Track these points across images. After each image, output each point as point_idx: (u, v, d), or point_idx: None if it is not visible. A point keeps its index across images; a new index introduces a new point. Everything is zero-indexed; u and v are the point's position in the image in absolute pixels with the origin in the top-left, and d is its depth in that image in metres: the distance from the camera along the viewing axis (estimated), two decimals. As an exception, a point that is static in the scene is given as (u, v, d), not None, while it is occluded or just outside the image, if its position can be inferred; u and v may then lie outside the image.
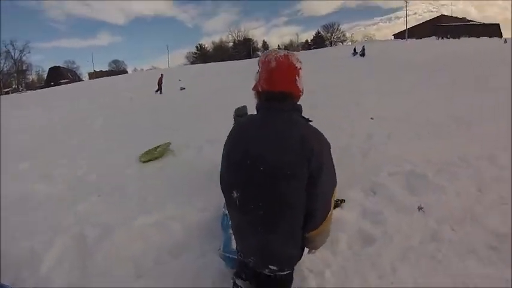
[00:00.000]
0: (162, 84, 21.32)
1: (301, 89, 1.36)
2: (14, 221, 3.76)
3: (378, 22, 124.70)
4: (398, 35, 59.48)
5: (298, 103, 1.38)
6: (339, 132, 5.55)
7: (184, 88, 21.17)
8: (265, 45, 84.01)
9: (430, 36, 46.79)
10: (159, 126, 7.77)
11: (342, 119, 6.46)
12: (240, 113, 3.96)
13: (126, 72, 72.71)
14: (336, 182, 1.38)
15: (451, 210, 2.86)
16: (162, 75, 22.49)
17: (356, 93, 9.36)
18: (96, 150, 6.93)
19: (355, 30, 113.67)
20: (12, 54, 62.66)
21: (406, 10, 57.35)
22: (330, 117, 6.48)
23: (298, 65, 1.34)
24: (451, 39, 41.22)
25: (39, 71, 70.72)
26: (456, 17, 60.54)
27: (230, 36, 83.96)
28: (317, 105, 7.47)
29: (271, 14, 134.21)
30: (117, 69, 74.94)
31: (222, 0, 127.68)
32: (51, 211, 4.03)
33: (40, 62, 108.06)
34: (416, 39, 45.97)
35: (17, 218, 3.86)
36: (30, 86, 63.37)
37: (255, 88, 1.38)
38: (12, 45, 62.36)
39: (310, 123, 1.36)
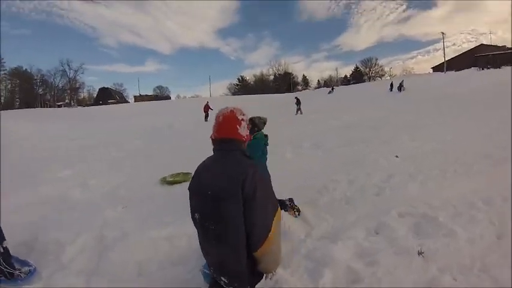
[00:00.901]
0: (209, 111, 22.40)
1: (244, 136, 1.75)
2: (49, 216, 4.52)
3: (416, 55, 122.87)
4: (437, 68, 57.54)
5: (242, 146, 1.75)
6: (360, 169, 5.56)
7: None
8: (305, 80, 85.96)
9: (469, 68, 44.37)
10: (188, 155, 7.92)
11: (366, 156, 6.46)
12: (264, 122, 4.19)
13: (170, 98, 76.36)
14: (277, 207, 1.69)
15: (458, 257, 2.76)
16: (207, 102, 23.97)
17: (387, 130, 9.29)
18: (129, 168, 7.62)
19: (393, 64, 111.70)
20: (68, 73, 71.01)
21: (444, 42, 57.04)
22: (354, 154, 6.56)
23: (240, 117, 1.75)
24: (491, 69, 38.74)
25: (90, 89, 78.18)
26: (496, 46, 57.34)
27: (271, 69, 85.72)
28: (347, 141, 7.52)
29: (311, 49, 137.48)
30: (161, 95, 78.66)
31: (264, 35, 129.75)
32: (82, 213, 4.66)
33: (92, 82, 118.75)
34: (456, 71, 43.92)
35: (52, 214, 4.62)
36: (81, 102, 71.25)
37: (210, 136, 1.79)
38: (68, 65, 70.80)
39: (248, 159, 1.73)
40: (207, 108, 22.90)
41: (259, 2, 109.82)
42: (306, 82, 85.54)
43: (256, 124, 4.02)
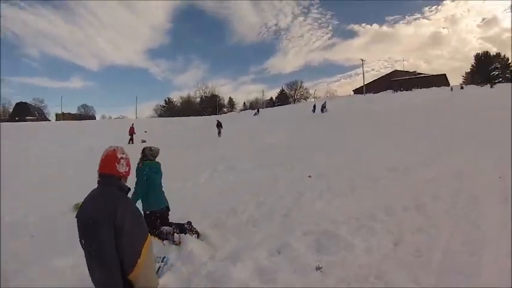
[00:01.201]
0: (134, 135, 21.93)
1: (122, 172, 1.99)
2: None
3: (340, 79, 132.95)
4: (358, 90, 62.10)
5: (121, 181, 1.99)
6: (271, 191, 5.76)
7: (145, 141, 20.92)
8: (231, 102, 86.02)
9: (386, 90, 49.91)
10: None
11: (280, 177, 6.69)
12: (155, 151, 4.47)
13: (94, 118, 71.41)
14: (146, 236, 1.87)
15: (354, 268, 2.95)
16: (133, 124, 23.29)
17: (304, 150, 9.73)
18: (41, 193, 7.29)
19: (318, 87, 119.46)
20: None
21: (363, 67, 64.25)
22: (268, 176, 6.77)
23: (120, 155, 2.00)
24: (404, 91, 44.02)
25: (5, 103, 68.19)
26: (407, 71, 64.02)
27: (198, 92, 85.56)
28: (264, 163, 7.69)
29: (239, 72, 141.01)
30: (85, 114, 73.37)
31: (193, 58, 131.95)
32: None
33: (8, 95, 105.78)
34: (374, 93, 48.85)
35: None
36: None
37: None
38: None
39: (122, 193, 1.95)
40: (132, 130, 22.26)
41: (191, 24, 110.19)
42: (232, 104, 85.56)
43: (146, 154, 4.40)
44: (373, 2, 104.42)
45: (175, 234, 4.03)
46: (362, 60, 60.61)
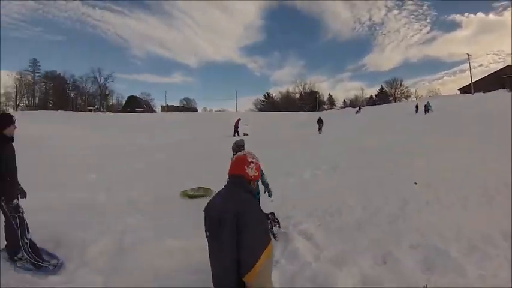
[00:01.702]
0: (239, 128, 23.39)
1: (251, 175, 2.06)
2: (75, 217, 4.91)
3: (443, 76, 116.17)
4: (464, 89, 55.28)
5: (250, 184, 2.07)
6: (375, 195, 5.53)
7: (247, 134, 22.10)
8: (331, 99, 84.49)
9: (498, 89, 42.44)
10: (210, 170, 7.86)
11: (384, 181, 6.38)
12: (239, 145, 4.92)
13: (196, 110, 77.57)
14: (267, 244, 1.88)
15: (465, 296, 2.70)
16: (239, 119, 24.92)
17: (409, 154, 9.03)
18: (152, 178, 7.95)
19: (419, 85, 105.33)
20: (98, 79, 74.79)
21: (470, 63, 54.92)
22: (372, 179, 6.51)
23: (249, 159, 2.08)
24: None
25: (119, 97, 79.96)
26: None
27: (296, 88, 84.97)
28: (366, 165, 7.48)
29: (335, 69, 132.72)
30: (187, 106, 79.42)
31: (289, 54, 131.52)
32: (105, 217, 4.97)
33: (121, 90, 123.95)
34: (484, 92, 42.48)
35: (77, 216, 4.99)
36: (110, 109, 74.25)
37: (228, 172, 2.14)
38: (99, 73, 74.54)
39: (249, 195, 2.01)
40: (237, 124, 23.92)
41: (284, 21, 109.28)
42: (331, 101, 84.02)
43: (233, 150, 4.88)
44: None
45: (273, 227, 4.36)
46: (468, 54, 54.49)
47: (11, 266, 3.59)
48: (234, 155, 4.81)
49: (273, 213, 4.70)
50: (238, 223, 1.82)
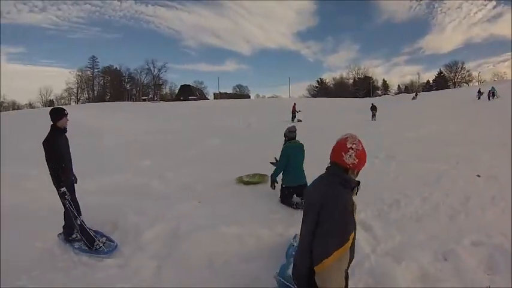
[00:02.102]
0: (297, 113, 23.99)
1: (348, 163, 1.88)
2: (131, 202, 5.18)
3: (509, 58, 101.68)
4: None
5: (346, 174, 1.90)
6: (435, 187, 5.28)
7: (301, 120, 22.23)
8: (385, 84, 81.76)
9: None
10: (264, 156, 7.70)
11: (444, 173, 6.06)
12: (291, 130, 5.23)
13: (249, 97, 78.89)
14: (341, 244, 1.72)
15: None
16: (295, 104, 25.57)
17: (469, 145, 8.50)
18: (207, 164, 8.14)
19: (483, 68, 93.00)
20: (152, 71, 79.69)
21: None
22: (431, 170, 6.21)
23: (350, 145, 1.89)
24: None
25: (172, 86, 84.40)
26: None
27: (350, 73, 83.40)
28: (425, 155, 7.19)
29: (391, 52, 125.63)
30: (240, 93, 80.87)
31: (343, 38, 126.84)
32: (160, 203, 5.17)
33: (174, 79, 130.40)
34: None
35: (133, 200, 5.28)
36: (164, 98, 77.79)
37: None
38: (153, 64, 79.47)
39: (338, 186, 1.86)
40: (294, 109, 24.44)
41: (337, 2, 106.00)
42: (385, 87, 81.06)
43: (286, 135, 5.25)
44: None
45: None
46: None
47: (69, 247, 4.02)
48: (286, 140, 5.25)
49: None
50: (319, 214, 1.78)
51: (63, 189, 3.79)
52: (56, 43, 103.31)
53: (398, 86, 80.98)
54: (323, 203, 1.78)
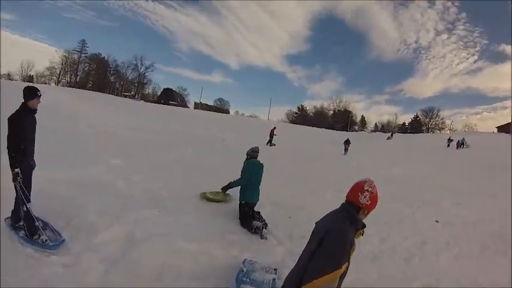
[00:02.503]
0: (274, 136, 22.58)
1: (362, 203, 2.12)
2: (91, 198, 4.94)
3: (482, 111, 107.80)
4: (503, 128, 52.54)
5: (357, 212, 2.12)
6: (394, 229, 5.43)
7: (274, 144, 21.69)
8: (363, 121, 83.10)
9: None
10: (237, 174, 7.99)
11: (404, 215, 6.25)
12: (254, 150, 5.50)
13: (228, 112, 78.24)
14: (332, 269, 1.90)
15: None
16: (274, 127, 23.98)
17: (432, 191, 8.77)
18: (174, 173, 7.83)
19: (456, 118, 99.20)
20: (139, 67, 77.84)
21: None
22: (392, 212, 6.33)
23: (366, 187, 2.14)
24: None
25: (155, 87, 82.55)
26: None
27: (331, 104, 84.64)
28: (389, 196, 7.24)
29: (374, 90, 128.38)
30: (220, 107, 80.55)
31: (330, 68, 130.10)
32: (120, 205, 4.96)
33: (158, 80, 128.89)
34: None
35: (94, 197, 5.03)
36: (145, 97, 75.58)
37: None
38: (141, 61, 77.58)
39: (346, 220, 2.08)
40: (272, 132, 22.90)
41: (330, 33, 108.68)
42: (363, 123, 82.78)
43: (248, 154, 5.51)
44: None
45: (264, 229, 4.78)
46: None
47: (14, 235, 3.77)
48: (247, 159, 5.50)
49: (258, 212, 5.29)
50: (323, 238, 2.00)
51: (17, 170, 3.58)
52: (49, 19, 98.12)
53: (376, 124, 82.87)
54: (329, 229, 2.00)
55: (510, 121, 50.41)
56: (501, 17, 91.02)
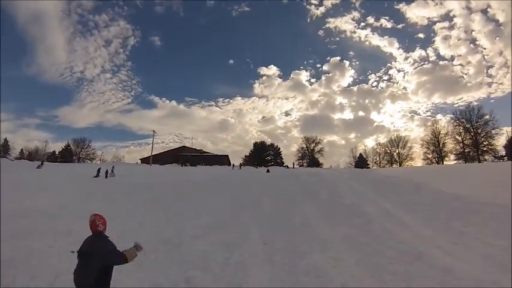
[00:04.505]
0: None
1: (101, 229, 3.18)
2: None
3: (130, 145, 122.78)
4: (145, 160, 62.29)
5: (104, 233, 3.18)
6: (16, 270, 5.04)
7: None
8: (6, 145, 68.68)
9: (172, 163, 53.64)
10: None
11: (31, 250, 5.81)
12: None
13: None
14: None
15: None
16: None
17: (71, 219, 8.31)
18: None
19: (107, 150, 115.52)
20: None
21: (153, 138, 63.69)
22: (15, 251, 5.70)
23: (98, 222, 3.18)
24: (189, 166, 49.65)
25: None
26: (195, 149, 68.44)
27: None
28: (11, 234, 6.58)
29: (25, 111, 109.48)
30: None
31: None
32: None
33: None
34: (161, 164, 51.75)
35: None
36: None
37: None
38: None
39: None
40: None
41: None
42: (6, 148, 67.89)
43: None
44: (178, 80, 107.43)
45: None
46: (154, 131, 63.26)
47: None
48: None
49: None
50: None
51: None
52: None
53: (22, 150, 71.60)
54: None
55: (151, 154, 59.94)
56: (156, 75, 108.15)
